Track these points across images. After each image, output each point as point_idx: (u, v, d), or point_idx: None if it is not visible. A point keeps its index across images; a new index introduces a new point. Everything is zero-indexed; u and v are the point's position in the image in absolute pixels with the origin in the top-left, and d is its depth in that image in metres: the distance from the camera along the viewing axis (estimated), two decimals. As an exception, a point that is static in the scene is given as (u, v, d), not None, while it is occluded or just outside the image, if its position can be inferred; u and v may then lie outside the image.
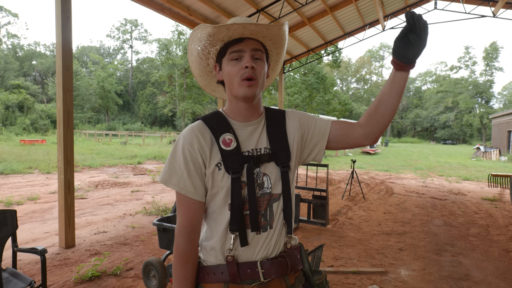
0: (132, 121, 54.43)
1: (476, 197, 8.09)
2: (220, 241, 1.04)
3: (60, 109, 4.04)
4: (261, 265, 1.03)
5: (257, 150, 1.07)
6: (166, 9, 6.56)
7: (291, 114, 1.17)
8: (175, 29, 38.92)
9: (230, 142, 1.04)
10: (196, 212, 1.04)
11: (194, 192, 1.02)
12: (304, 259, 1.14)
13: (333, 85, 27.32)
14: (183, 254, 1.03)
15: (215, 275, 1.04)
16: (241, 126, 1.09)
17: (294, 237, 1.15)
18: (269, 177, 1.07)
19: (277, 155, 1.08)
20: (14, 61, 50.04)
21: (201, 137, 1.04)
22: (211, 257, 1.06)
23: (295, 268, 1.08)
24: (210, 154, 1.03)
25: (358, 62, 72.83)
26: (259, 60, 1.04)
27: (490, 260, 3.96)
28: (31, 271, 3.38)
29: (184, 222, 1.03)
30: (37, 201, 6.68)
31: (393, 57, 1.01)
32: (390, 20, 10.66)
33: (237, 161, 1.02)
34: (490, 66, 54.92)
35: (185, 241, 1.03)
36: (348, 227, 5.32)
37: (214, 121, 1.08)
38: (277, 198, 1.07)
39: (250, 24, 0.99)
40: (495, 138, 29.24)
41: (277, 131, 1.11)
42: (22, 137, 27.27)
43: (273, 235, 1.06)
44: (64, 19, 4.01)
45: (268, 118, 1.14)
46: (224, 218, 1.03)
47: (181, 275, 1.03)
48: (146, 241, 4.39)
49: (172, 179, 1.02)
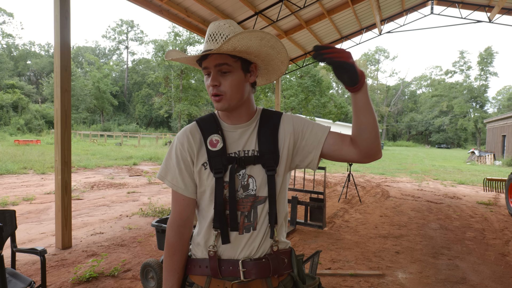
0: (127, 122, 54.21)
1: (471, 201, 8.16)
2: (204, 237, 1.09)
3: (58, 109, 4.01)
4: (242, 264, 1.05)
5: (244, 152, 1.09)
6: (164, 11, 6.56)
7: (287, 118, 1.16)
8: (172, 30, 38.88)
9: (217, 143, 1.08)
10: (186, 207, 1.10)
11: (184, 189, 1.09)
12: (293, 264, 1.15)
13: (329, 88, 27.41)
14: (171, 246, 1.10)
15: (200, 268, 1.09)
16: (231, 128, 1.12)
17: (285, 241, 1.15)
18: (255, 179, 1.08)
19: (264, 158, 1.08)
20: (9, 60, 49.63)
21: (191, 138, 1.10)
22: (198, 251, 1.11)
23: (278, 272, 1.09)
24: (198, 154, 1.09)
25: (354, 65, 73.10)
26: (227, 73, 1.04)
27: (487, 264, 3.99)
28: (28, 271, 3.34)
29: (174, 216, 1.11)
30: (33, 201, 6.62)
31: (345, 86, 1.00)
32: (387, 24, 10.75)
33: (221, 162, 1.06)
34: (484, 71, 55.55)
35: (174, 234, 1.10)
36: (345, 229, 5.33)
37: (205, 123, 1.13)
38: (262, 200, 1.08)
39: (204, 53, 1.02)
40: (490, 142, 29.53)
41: (268, 134, 1.11)
42: (16, 137, 27.04)
43: (256, 237, 1.07)
44: (63, 19, 3.99)
45: (261, 121, 1.14)
46: (210, 215, 1.08)
47: (168, 265, 1.10)
48: (143, 243, 4.37)
49: (167, 176, 1.11)
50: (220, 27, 1.05)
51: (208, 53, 1.01)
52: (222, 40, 1.04)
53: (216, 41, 1.04)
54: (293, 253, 1.16)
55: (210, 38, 1.05)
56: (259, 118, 1.15)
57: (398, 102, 73.20)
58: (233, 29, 1.06)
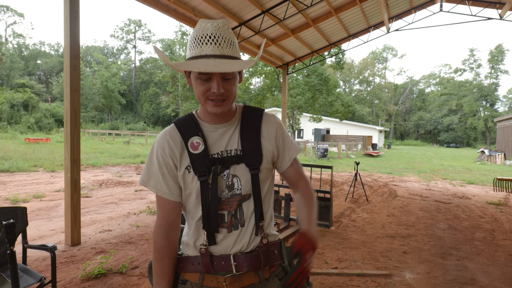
0: (135, 120, 54.65)
1: (481, 201, 8.06)
2: (193, 237, 1.11)
3: (67, 108, 4.07)
4: (234, 258, 1.07)
5: (227, 152, 1.09)
6: (172, 10, 6.59)
7: (271, 119, 1.17)
8: (179, 29, 39.20)
9: (198, 145, 1.07)
10: (172, 211, 1.11)
11: (169, 193, 1.09)
12: (284, 255, 1.17)
13: (336, 86, 27.25)
14: (159, 250, 1.11)
15: (192, 265, 1.11)
16: (211, 128, 1.11)
17: (274, 234, 1.18)
18: (239, 178, 1.09)
19: (247, 157, 1.09)
20: (20, 60, 50.42)
21: (172, 142, 1.09)
22: (189, 250, 1.13)
23: (269, 263, 1.11)
24: (181, 158, 1.08)
25: (361, 63, 72.69)
26: (230, 79, 1.01)
27: (496, 265, 3.94)
28: (38, 267, 3.40)
29: (160, 221, 1.11)
30: (43, 199, 6.72)
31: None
32: (395, 22, 10.65)
33: (204, 164, 1.06)
34: (495, 68, 54.68)
35: (161, 238, 1.11)
36: (351, 229, 5.31)
37: (184, 125, 1.11)
38: (247, 197, 1.09)
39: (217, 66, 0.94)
40: (500, 141, 29.07)
41: (251, 132, 1.11)
42: (26, 135, 27.46)
43: (245, 233, 1.09)
44: (72, 19, 4.04)
45: (243, 119, 1.13)
46: (197, 215, 1.10)
47: (158, 269, 1.11)
48: (151, 240, 4.40)
49: (150, 181, 1.10)
50: (219, 29, 1.00)
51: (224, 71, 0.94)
52: (226, 44, 0.99)
53: (219, 45, 0.98)
54: (283, 244, 1.19)
55: (211, 40, 0.98)
56: (240, 116, 1.14)
57: (406, 101, 72.50)
58: (230, 31, 1.03)
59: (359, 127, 38.25)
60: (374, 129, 38.43)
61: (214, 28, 1.00)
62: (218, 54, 0.98)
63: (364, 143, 32.19)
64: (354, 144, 28.85)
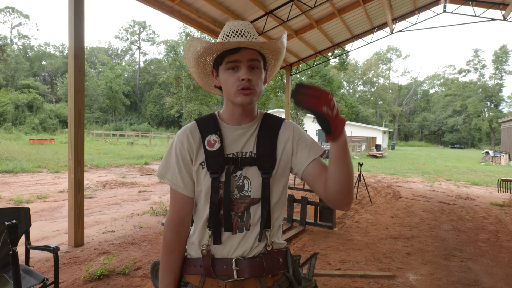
0: (139, 121, 54.87)
1: (485, 202, 8.00)
2: (198, 236, 1.10)
3: (71, 109, 4.09)
4: (235, 263, 1.06)
5: (242, 154, 1.10)
6: (176, 11, 6.62)
7: (288, 125, 1.17)
8: (183, 30, 39.23)
9: (214, 143, 1.09)
10: (184, 206, 1.11)
11: (184, 188, 1.10)
12: (289, 264, 1.14)
13: (340, 87, 27.23)
14: (168, 244, 1.11)
15: (194, 267, 1.10)
16: (231, 128, 1.12)
17: (280, 242, 1.15)
18: (250, 181, 1.08)
19: (261, 160, 1.09)
20: (25, 61, 50.86)
21: (191, 137, 1.11)
22: (192, 250, 1.12)
23: (272, 271, 1.08)
24: (197, 153, 1.10)
25: (365, 64, 72.51)
26: (256, 69, 1.06)
27: (500, 266, 3.91)
28: (41, 268, 3.42)
29: (173, 215, 1.12)
30: (46, 199, 6.77)
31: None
32: (399, 23, 10.61)
33: (217, 162, 1.07)
34: (499, 69, 54.33)
35: (172, 232, 1.11)
36: (355, 230, 5.29)
37: (205, 122, 1.14)
38: (256, 202, 1.09)
39: (245, 41, 1.02)
40: (505, 142, 28.84)
41: (268, 139, 1.12)
42: (31, 136, 27.66)
43: (249, 237, 1.08)
44: (77, 21, 4.07)
45: (262, 124, 1.15)
46: (205, 215, 1.09)
47: (165, 263, 1.11)
48: (154, 241, 4.42)
49: (167, 174, 1.11)
50: (245, 26, 1.08)
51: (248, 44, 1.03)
52: (252, 38, 1.06)
53: (246, 37, 1.05)
54: (289, 253, 1.16)
55: (237, 33, 1.06)
56: (260, 121, 1.16)
57: (410, 102, 72.17)
58: (255, 32, 1.10)
59: (363, 128, 38.14)
60: (378, 130, 38.30)
61: (241, 25, 1.08)
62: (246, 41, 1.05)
63: (368, 144, 32.08)
64: (358, 145, 28.76)
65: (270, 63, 1.19)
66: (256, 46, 1.05)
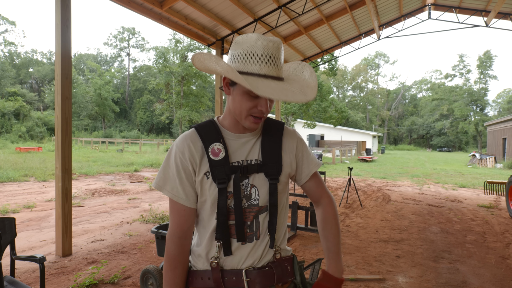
0: (128, 128, 54.38)
1: (472, 204, 8.14)
2: (206, 248, 1.07)
3: (58, 117, 4.05)
4: (246, 274, 1.04)
5: (248, 161, 1.08)
6: (165, 18, 6.63)
7: (291, 133, 1.18)
8: (172, 37, 39.12)
9: (219, 152, 1.05)
10: (187, 218, 1.07)
11: (186, 199, 1.05)
12: (296, 271, 1.14)
13: (329, 92, 27.47)
14: (173, 259, 1.06)
15: (202, 280, 1.06)
16: (234, 137, 1.09)
17: (287, 249, 1.15)
18: (257, 188, 1.07)
19: (267, 166, 1.08)
20: (11, 68, 49.99)
21: (192, 146, 1.06)
22: (199, 263, 1.09)
23: (282, 280, 1.08)
24: (200, 163, 1.05)
25: (354, 70, 73.41)
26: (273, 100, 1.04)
27: (487, 267, 3.98)
28: (28, 279, 3.35)
29: (175, 228, 1.07)
30: (33, 209, 6.63)
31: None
32: (385, 29, 10.82)
33: (224, 171, 1.03)
34: (484, 74, 55.54)
35: (175, 246, 1.06)
36: (345, 234, 5.32)
37: (206, 130, 1.09)
38: (264, 210, 1.07)
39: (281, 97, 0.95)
40: (491, 145, 29.47)
41: (272, 143, 1.11)
42: (18, 144, 27.14)
43: (259, 246, 1.07)
44: (64, 28, 4.05)
45: (265, 130, 1.13)
46: (211, 226, 1.06)
47: (170, 279, 1.06)
48: (144, 249, 4.37)
49: (166, 185, 1.06)
50: (278, 50, 1.00)
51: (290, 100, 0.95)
52: (280, 66, 1.01)
53: (276, 66, 0.99)
54: (295, 259, 1.16)
55: (271, 60, 0.98)
56: (261, 128, 1.14)
57: (398, 106, 73.24)
58: (283, 51, 1.04)
59: (353, 132, 38.52)
60: (367, 134, 38.72)
61: (275, 48, 0.99)
62: (275, 76, 0.99)
63: (358, 148, 32.37)
64: (348, 150, 28.99)
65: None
66: (295, 100, 0.96)
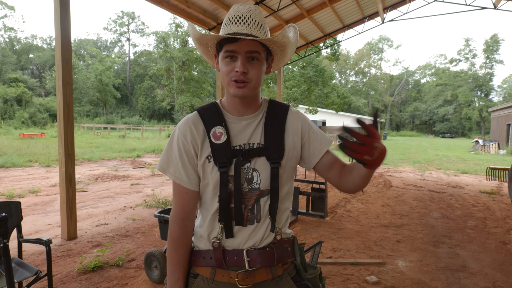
0: (130, 114, 54.33)
1: (474, 190, 8.17)
2: (208, 229, 1.09)
3: (60, 102, 4.05)
4: (247, 254, 1.06)
5: (250, 145, 1.07)
6: (164, 2, 6.52)
7: (295, 114, 1.15)
8: (173, 21, 38.66)
9: (221, 135, 1.05)
10: (189, 200, 1.09)
11: (188, 182, 1.07)
12: (296, 252, 1.15)
13: (331, 78, 27.25)
14: (176, 240, 1.09)
15: (204, 259, 1.09)
16: (235, 119, 1.09)
17: (288, 231, 1.16)
18: (259, 172, 1.07)
19: (269, 150, 1.07)
20: (12, 54, 49.68)
21: (194, 129, 1.07)
22: (201, 243, 1.11)
23: (283, 260, 1.10)
24: (202, 146, 1.06)
25: (357, 55, 72.54)
26: (255, 60, 1.01)
27: (487, 252, 4.02)
28: (35, 261, 3.42)
29: (178, 209, 1.09)
30: (38, 194, 6.72)
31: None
32: (390, 12, 10.61)
33: (225, 155, 1.03)
34: (490, 58, 54.84)
35: (178, 227, 1.09)
36: (346, 219, 5.37)
37: (208, 113, 1.09)
38: (265, 193, 1.08)
39: (242, 35, 0.97)
40: (494, 131, 29.33)
41: (275, 128, 1.10)
42: (21, 130, 27.25)
43: (260, 229, 1.08)
44: (63, 12, 3.99)
45: (268, 113, 1.12)
46: (214, 208, 1.07)
47: (174, 259, 1.09)
48: (147, 233, 4.44)
49: (169, 168, 1.08)
50: (251, 12, 1.01)
51: (250, 38, 0.96)
52: (256, 26, 1.00)
53: (248, 25, 0.99)
54: (296, 241, 1.17)
55: (240, 20, 1.00)
56: (265, 110, 1.13)
57: (401, 92, 72.63)
58: (262, 17, 1.03)
59: (355, 118, 38.36)
60: (370, 120, 38.52)
61: (246, 10, 1.01)
62: (246, 32, 0.99)
63: (360, 134, 32.27)
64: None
65: (276, 53, 1.12)
66: (254, 42, 0.98)
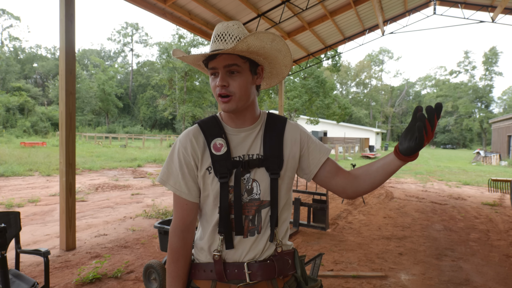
0: (132, 124, 54.51)
1: (476, 202, 8.10)
2: (208, 241, 1.08)
3: (62, 112, 4.06)
4: (248, 267, 1.05)
5: (249, 156, 1.08)
6: (168, 13, 6.61)
7: (293, 126, 1.17)
8: (176, 32, 39.00)
9: (221, 147, 1.06)
10: (189, 212, 1.09)
11: (188, 194, 1.08)
12: (297, 265, 1.15)
13: (332, 89, 27.34)
14: (175, 252, 1.09)
15: (204, 272, 1.08)
16: (234, 131, 1.10)
17: (288, 243, 1.15)
18: (259, 183, 1.08)
19: (268, 161, 1.08)
20: (16, 63, 50.22)
21: (195, 141, 1.08)
22: (202, 255, 1.10)
23: (283, 273, 1.09)
24: (202, 158, 1.07)
25: (357, 66, 72.99)
26: (235, 73, 1.02)
27: (491, 265, 3.96)
28: (32, 273, 3.38)
29: (178, 221, 1.09)
30: (38, 203, 6.69)
31: (399, 148, 0.99)
32: (390, 24, 10.73)
33: (225, 166, 1.04)
34: (489, 70, 55.13)
35: (178, 239, 1.09)
36: (348, 231, 5.32)
37: (208, 126, 1.11)
38: (266, 204, 1.08)
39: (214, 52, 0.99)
40: (495, 142, 29.28)
41: (274, 139, 1.11)
42: (22, 139, 27.28)
43: (261, 240, 1.08)
44: (68, 23, 4.05)
45: (267, 124, 1.14)
46: (214, 220, 1.07)
47: (173, 271, 1.09)
48: (147, 244, 4.40)
49: (169, 180, 1.09)
50: (229, 28, 1.04)
51: (219, 52, 0.99)
52: (232, 40, 1.03)
53: (225, 41, 1.03)
54: (296, 254, 1.17)
55: (218, 38, 1.04)
56: (264, 121, 1.14)
57: (402, 103, 72.84)
58: (241, 30, 1.06)
59: (356, 129, 38.38)
60: (371, 131, 38.58)
61: (224, 27, 1.05)
62: (222, 48, 1.02)
63: (361, 145, 32.29)
64: (351, 146, 28.93)
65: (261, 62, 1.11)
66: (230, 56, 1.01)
